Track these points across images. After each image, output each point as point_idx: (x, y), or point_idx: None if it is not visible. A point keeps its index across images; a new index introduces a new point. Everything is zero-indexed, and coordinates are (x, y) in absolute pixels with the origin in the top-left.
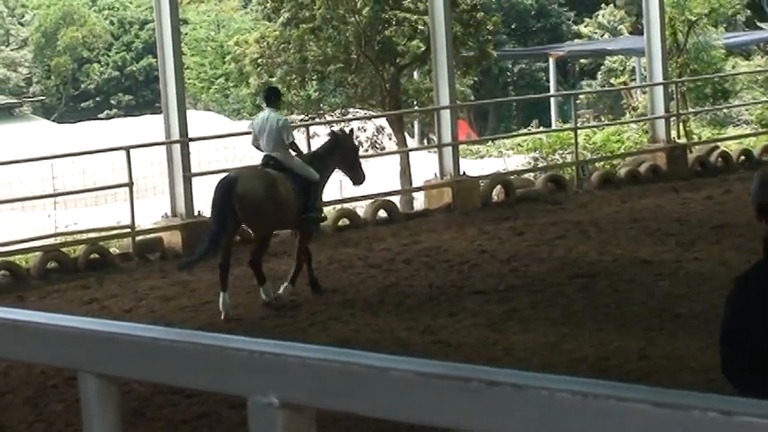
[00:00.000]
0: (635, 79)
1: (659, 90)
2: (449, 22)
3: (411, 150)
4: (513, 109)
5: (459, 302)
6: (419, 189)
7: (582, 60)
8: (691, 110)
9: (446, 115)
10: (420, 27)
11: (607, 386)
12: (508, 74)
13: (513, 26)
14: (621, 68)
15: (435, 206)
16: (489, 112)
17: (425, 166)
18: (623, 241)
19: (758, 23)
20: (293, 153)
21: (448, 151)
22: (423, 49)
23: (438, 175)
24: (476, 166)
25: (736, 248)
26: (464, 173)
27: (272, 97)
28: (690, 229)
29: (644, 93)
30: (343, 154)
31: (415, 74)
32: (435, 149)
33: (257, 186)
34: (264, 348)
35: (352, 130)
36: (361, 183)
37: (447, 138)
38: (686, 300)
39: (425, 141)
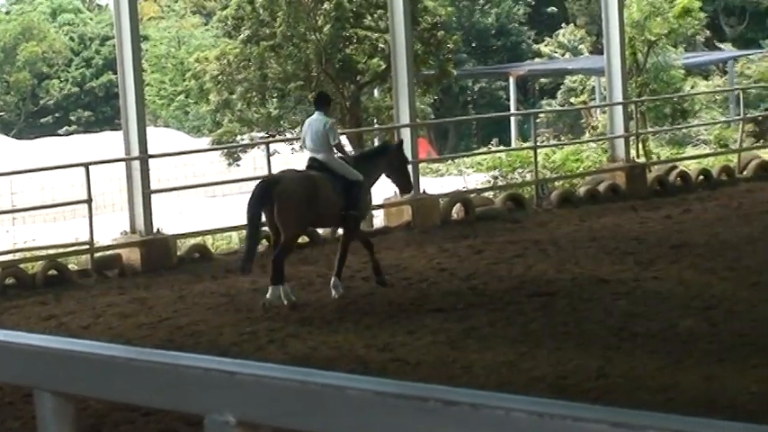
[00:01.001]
0: (594, 99)
1: (619, 109)
2: (409, 41)
3: None
4: (473, 127)
5: (419, 320)
6: (379, 207)
7: (542, 79)
8: (650, 129)
9: (406, 133)
10: (381, 45)
11: (563, 406)
12: (468, 92)
13: (473, 45)
14: (581, 88)
15: (395, 224)
16: (449, 131)
17: (385, 184)
18: (582, 260)
19: (717, 44)
20: (338, 154)
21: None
22: (383, 67)
23: (398, 192)
24: (435, 184)
25: (695, 268)
26: (424, 191)
27: (322, 101)
28: (648, 248)
29: (603, 112)
30: (390, 162)
31: (376, 92)
32: None
33: (296, 189)
34: (220, 367)
35: (402, 141)
36: (408, 191)
37: (408, 155)
38: (644, 319)
39: None
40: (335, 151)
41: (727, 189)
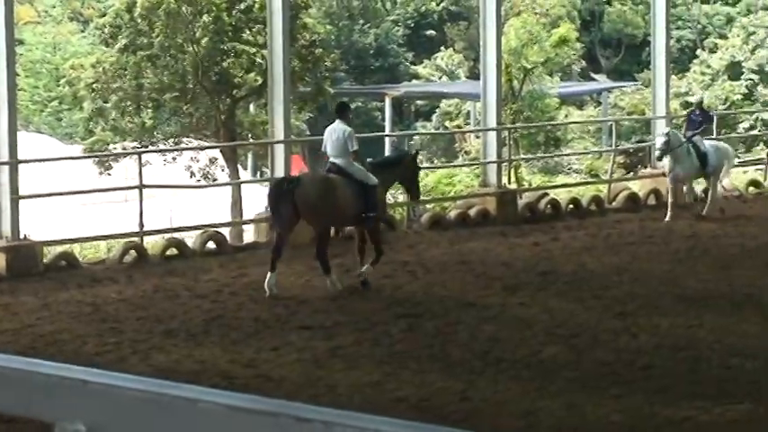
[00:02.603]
0: (469, 123)
1: (492, 135)
2: (287, 57)
3: (243, 183)
4: None
5: (285, 337)
6: (250, 222)
7: (418, 102)
8: (523, 156)
9: (280, 149)
10: (258, 60)
11: (417, 428)
12: None
13: (351, 64)
14: (457, 112)
15: (265, 240)
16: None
17: (257, 199)
18: (450, 283)
19: (592, 75)
20: (355, 160)
21: None
22: (260, 82)
23: (269, 209)
24: None
25: (561, 295)
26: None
27: (342, 110)
28: (516, 274)
29: (477, 137)
30: (404, 170)
31: (251, 106)
32: (268, 183)
33: (315, 189)
34: (74, 375)
35: (417, 152)
36: (418, 199)
37: (280, 172)
38: (509, 344)
39: (258, 174)
40: (354, 157)
41: (596, 219)
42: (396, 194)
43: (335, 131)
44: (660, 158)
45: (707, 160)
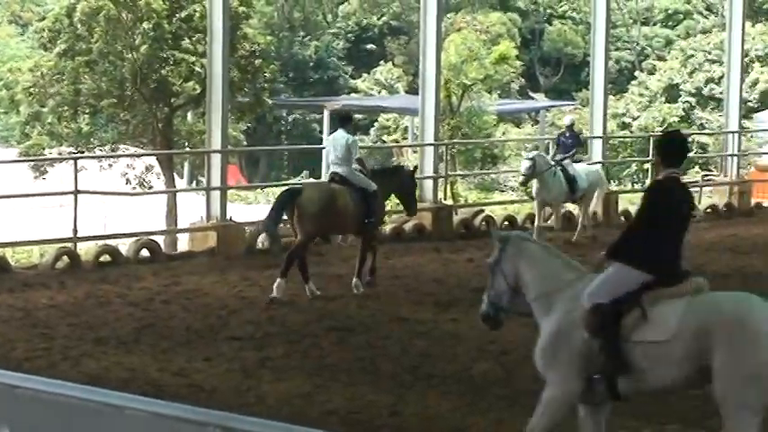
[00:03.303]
0: (407, 138)
1: (429, 150)
2: (226, 66)
3: (179, 191)
4: (285, 158)
5: (216, 347)
6: (184, 230)
7: (357, 115)
8: (459, 172)
9: (217, 159)
10: (197, 69)
11: None
12: (282, 123)
13: (290, 76)
14: (395, 126)
15: (199, 249)
16: (261, 160)
17: (192, 209)
18: (382, 297)
19: (531, 93)
20: (358, 167)
21: (216, 195)
22: (198, 90)
23: (204, 218)
24: (243, 212)
25: None
26: (231, 218)
27: (345, 120)
28: (449, 290)
29: (415, 152)
30: (401, 183)
31: (189, 115)
32: (203, 192)
33: (316, 199)
34: (2, 380)
35: (416, 167)
36: (413, 214)
37: (216, 181)
38: (441, 360)
39: (194, 183)
40: (357, 165)
41: None
42: None
43: (338, 140)
44: (524, 183)
45: (576, 185)
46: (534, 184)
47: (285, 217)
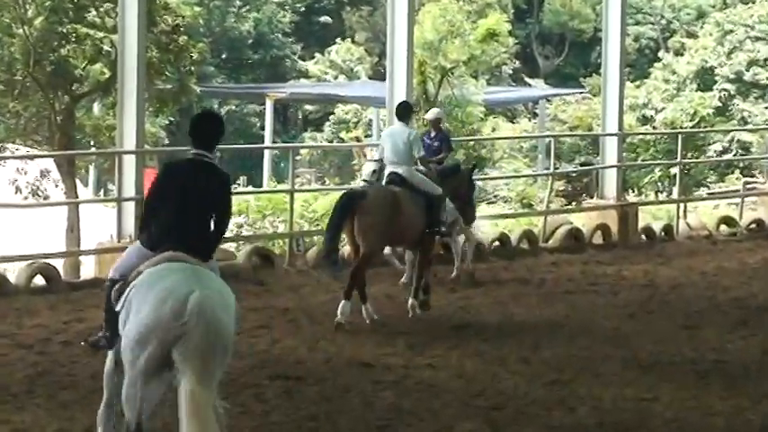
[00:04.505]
0: (371, 135)
1: None
2: (142, 45)
3: (83, 202)
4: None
5: None
6: (89, 252)
7: (307, 106)
8: None
9: (131, 161)
10: (106, 48)
11: None
12: None
13: (224, 56)
14: (356, 120)
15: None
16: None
17: (100, 224)
18: (340, 337)
19: (527, 79)
20: (421, 167)
21: (130, 207)
22: (107, 75)
23: (115, 236)
24: None
25: (480, 356)
26: None
27: (404, 111)
28: (424, 327)
29: None
30: (459, 185)
31: (96, 106)
32: (114, 204)
33: (380, 205)
34: None
35: (475, 166)
36: (471, 221)
37: (130, 190)
38: (414, 417)
39: (102, 193)
40: (419, 164)
41: (527, 260)
42: (276, 223)
43: (395, 135)
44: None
45: None
46: None
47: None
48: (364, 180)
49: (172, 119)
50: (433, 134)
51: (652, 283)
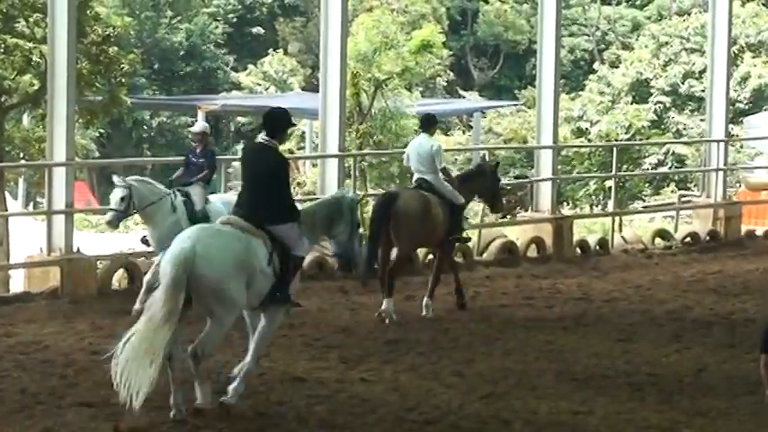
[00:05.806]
0: (304, 148)
1: (333, 164)
2: (72, 56)
3: (12, 215)
4: (148, 173)
5: (60, 416)
6: (18, 266)
7: (240, 118)
8: (371, 192)
9: (61, 174)
10: (35, 59)
11: None
12: (145, 127)
13: (155, 68)
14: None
15: (38, 290)
16: (117, 175)
17: (29, 238)
18: (273, 352)
19: (461, 91)
20: (443, 177)
21: (59, 220)
22: (36, 86)
23: (45, 250)
24: (95, 241)
25: (414, 370)
26: (78, 249)
27: (428, 123)
28: (358, 341)
29: (314, 165)
30: (483, 183)
31: (25, 118)
32: (43, 217)
33: (415, 206)
34: None
35: (498, 163)
36: (500, 212)
37: (60, 203)
38: (347, 431)
39: (31, 206)
40: (441, 175)
41: (461, 273)
42: None
43: (422, 145)
44: (114, 225)
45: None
46: (150, 228)
47: None
48: (113, 211)
49: (102, 131)
50: (198, 150)
51: (587, 297)
